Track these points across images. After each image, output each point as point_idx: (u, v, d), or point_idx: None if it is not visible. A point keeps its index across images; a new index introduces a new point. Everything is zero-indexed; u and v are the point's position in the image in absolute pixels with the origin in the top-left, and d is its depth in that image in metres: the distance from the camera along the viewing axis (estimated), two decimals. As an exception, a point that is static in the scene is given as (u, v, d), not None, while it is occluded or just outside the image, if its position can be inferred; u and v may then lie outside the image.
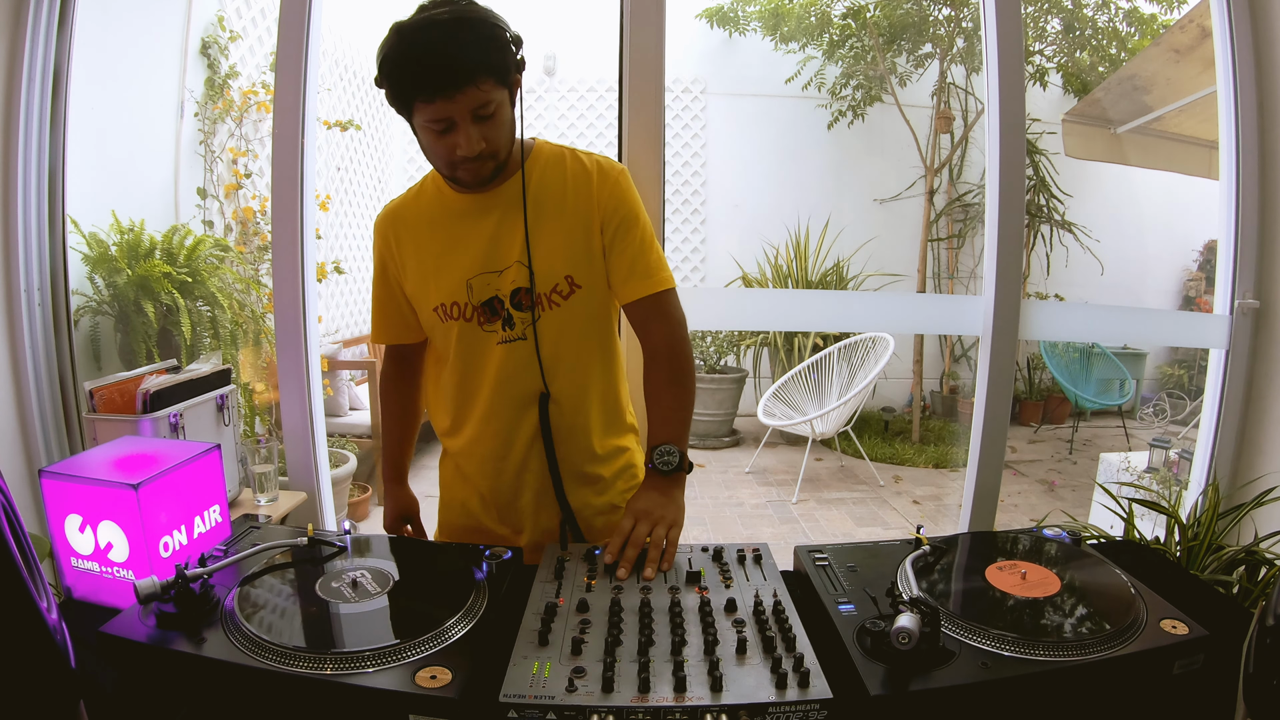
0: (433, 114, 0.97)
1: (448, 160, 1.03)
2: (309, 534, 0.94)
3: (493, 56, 0.97)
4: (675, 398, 1.14)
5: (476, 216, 1.12)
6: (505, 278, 1.11)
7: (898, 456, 4.68)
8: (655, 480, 1.09)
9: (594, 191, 1.12)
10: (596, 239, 1.12)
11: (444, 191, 1.14)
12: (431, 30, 0.94)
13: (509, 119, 1.04)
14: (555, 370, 1.13)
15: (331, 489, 2.07)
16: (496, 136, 1.03)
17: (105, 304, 2.28)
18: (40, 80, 1.84)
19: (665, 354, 1.15)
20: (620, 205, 1.13)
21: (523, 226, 1.10)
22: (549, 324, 1.12)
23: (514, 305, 1.11)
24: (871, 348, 4.49)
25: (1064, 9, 4.90)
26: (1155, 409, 5.51)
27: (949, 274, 5.33)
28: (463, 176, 1.06)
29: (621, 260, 1.13)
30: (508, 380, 1.13)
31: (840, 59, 5.13)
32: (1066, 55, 4.99)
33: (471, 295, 1.11)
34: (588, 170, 1.13)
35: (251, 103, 3.25)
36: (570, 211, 1.11)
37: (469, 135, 0.99)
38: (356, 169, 4.93)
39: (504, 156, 1.06)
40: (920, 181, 5.23)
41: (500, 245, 1.11)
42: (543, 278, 1.10)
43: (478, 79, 0.96)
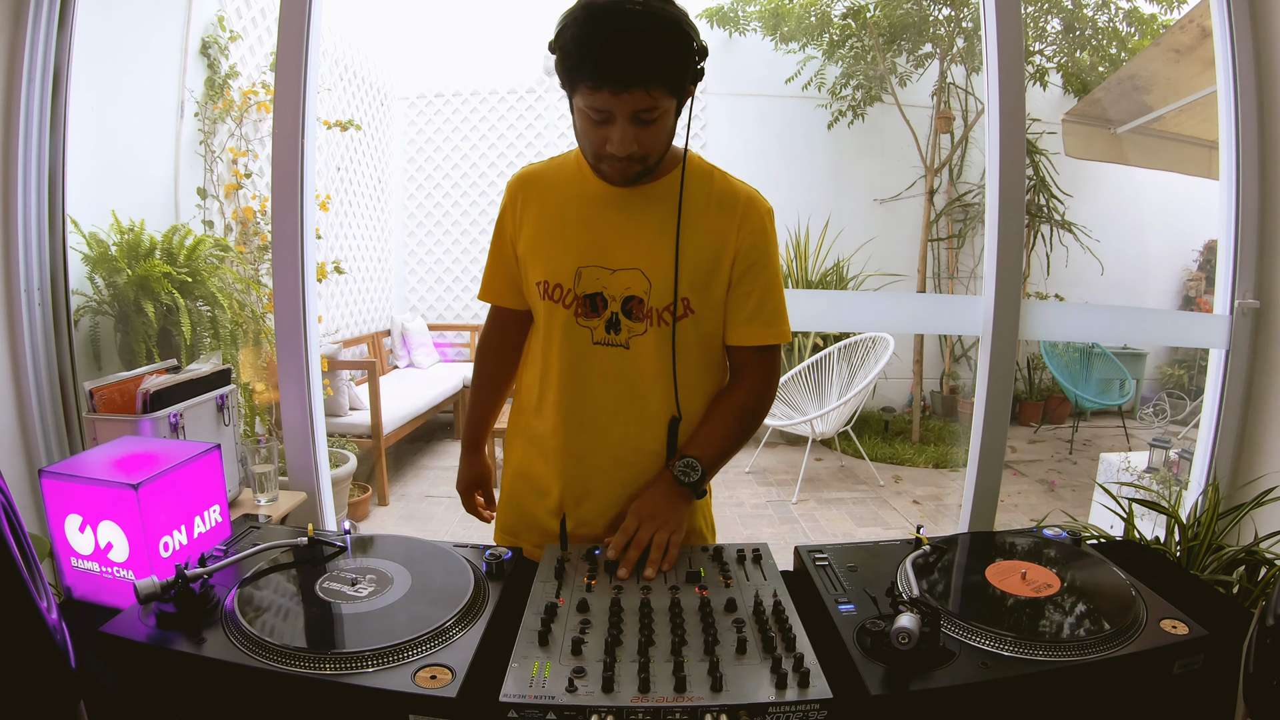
0: (595, 102, 0.93)
1: (596, 151, 0.99)
2: (309, 534, 0.94)
3: (673, 65, 0.93)
4: (732, 434, 1.10)
5: (608, 207, 1.07)
6: (618, 279, 1.06)
7: (898, 456, 4.68)
8: (667, 486, 1.07)
9: (737, 220, 1.07)
10: (724, 269, 1.07)
11: (585, 171, 1.09)
12: (622, 19, 0.89)
13: (669, 128, 1.00)
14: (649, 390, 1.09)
15: (331, 489, 2.07)
16: (652, 142, 0.98)
17: (105, 304, 2.28)
18: (40, 80, 1.84)
19: (747, 397, 1.12)
20: (759, 242, 1.08)
21: (652, 232, 1.05)
22: (652, 340, 1.07)
23: (625, 312, 1.06)
24: (871, 348, 4.48)
25: (1064, 9, 4.90)
26: (1155, 409, 5.51)
27: (949, 274, 5.33)
28: (607, 171, 1.02)
29: (747, 301, 1.09)
30: (606, 385, 1.09)
31: (840, 59, 5.13)
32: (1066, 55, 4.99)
33: (577, 284, 1.07)
34: (736, 196, 1.08)
35: (251, 103, 3.25)
36: (705, 232, 1.06)
37: (624, 135, 0.95)
38: (356, 169, 4.93)
39: (653, 162, 1.02)
40: (920, 181, 5.23)
41: (623, 244, 1.06)
42: (659, 291, 1.05)
43: (651, 84, 0.91)
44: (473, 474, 1.32)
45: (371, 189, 5.21)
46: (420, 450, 4.63)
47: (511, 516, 1.23)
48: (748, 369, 1.13)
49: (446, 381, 4.80)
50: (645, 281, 1.05)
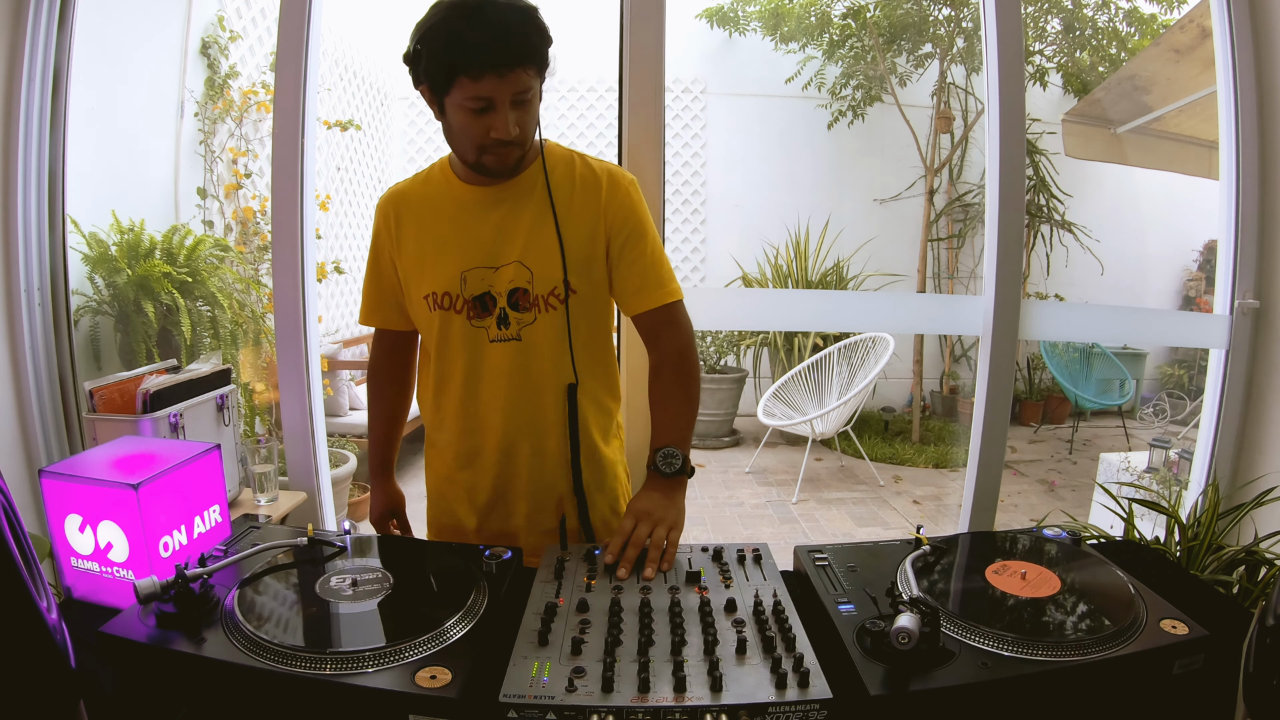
0: (476, 91, 0.97)
1: (479, 143, 1.02)
2: (309, 534, 0.94)
3: (541, 45, 0.99)
4: (681, 403, 1.14)
5: (481, 209, 1.11)
6: (502, 276, 1.10)
7: (898, 456, 4.68)
8: (657, 482, 1.09)
9: (602, 200, 1.11)
10: (600, 248, 1.12)
11: (451, 180, 1.14)
12: (489, 9, 0.95)
13: (537, 111, 1.05)
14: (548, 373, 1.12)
15: (331, 489, 2.07)
16: (528, 125, 1.03)
17: (105, 304, 2.28)
18: (40, 80, 1.84)
19: (674, 361, 1.15)
20: (630, 216, 1.12)
21: (525, 224, 1.10)
22: (541, 327, 1.11)
23: (511, 305, 1.10)
24: (871, 348, 4.48)
25: (1064, 9, 4.90)
26: (1155, 409, 5.51)
27: (949, 274, 5.33)
28: (489, 162, 1.05)
29: (632, 271, 1.13)
30: (507, 379, 1.12)
31: (840, 59, 5.13)
32: (1066, 55, 4.99)
33: (464, 288, 1.11)
34: (597, 176, 1.13)
35: (251, 103, 3.25)
36: (575, 216, 1.11)
37: (506, 118, 0.99)
38: (356, 169, 4.93)
39: (528, 148, 1.07)
40: (920, 181, 5.23)
41: (501, 241, 1.10)
42: (541, 279, 1.10)
43: (527, 63, 0.97)
44: (385, 502, 1.33)
45: (371, 189, 5.21)
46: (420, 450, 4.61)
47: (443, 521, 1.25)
48: (660, 332, 1.16)
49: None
50: (526, 272, 1.09)
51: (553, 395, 1.14)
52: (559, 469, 1.17)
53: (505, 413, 1.14)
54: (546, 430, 1.15)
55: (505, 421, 1.14)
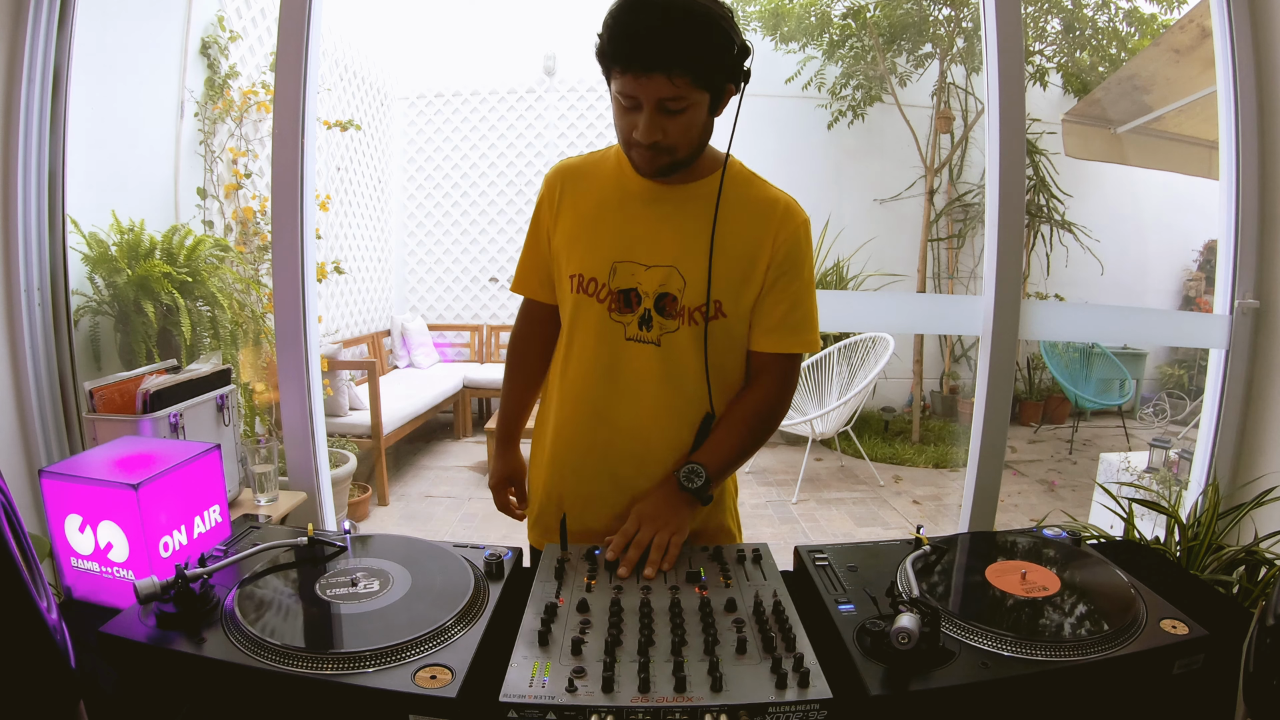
0: (622, 87, 0.95)
1: (625, 138, 1.00)
2: (309, 534, 0.94)
3: (700, 55, 0.93)
4: (742, 441, 1.10)
5: (646, 203, 1.08)
6: (652, 275, 1.06)
7: (898, 456, 4.68)
8: (671, 490, 1.06)
9: (774, 228, 1.07)
10: (758, 275, 1.07)
11: (624, 167, 1.09)
12: (653, 6, 0.91)
13: (699, 123, 1.00)
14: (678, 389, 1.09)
15: (331, 489, 2.07)
16: (678, 134, 0.98)
17: (105, 304, 2.28)
18: (40, 80, 1.84)
19: (763, 404, 1.11)
20: (794, 252, 1.08)
21: (688, 231, 1.06)
22: (684, 339, 1.07)
23: (657, 309, 1.06)
24: (871, 348, 4.48)
25: (1064, 9, 4.90)
26: (1155, 409, 5.51)
27: (949, 274, 5.33)
28: (635, 158, 1.03)
29: (776, 308, 1.08)
30: (638, 381, 1.09)
31: (840, 59, 5.12)
32: (1066, 55, 4.99)
33: (612, 278, 1.07)
34: (774, 203, 1.08)
35: (251, 103, 3.25)
36: (740, 237, 1.06)
37: (649, 122, 0.96)
38: (356, 169, 4.93)
39: (682, 156, 1.02)
40: (920, 181, 5.23)
41: (659, 241, 1.06)
42: (693, 290, 1.05)
43: (673, 71, 0.91)
44: (505, 470, 1.31)
45: (371, 189, 5.21)
46: (420, 450, 4.63)
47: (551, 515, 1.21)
48: (765, 375, 1.12)
49: (446, 381, 4.80)
50: (680, 279, 1.05)
51: (683, 412, 1.10)
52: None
53: (638, 414, 1.10)
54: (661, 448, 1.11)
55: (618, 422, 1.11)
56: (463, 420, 5.03)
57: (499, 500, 1.32)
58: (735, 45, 0.96)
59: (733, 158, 1.09)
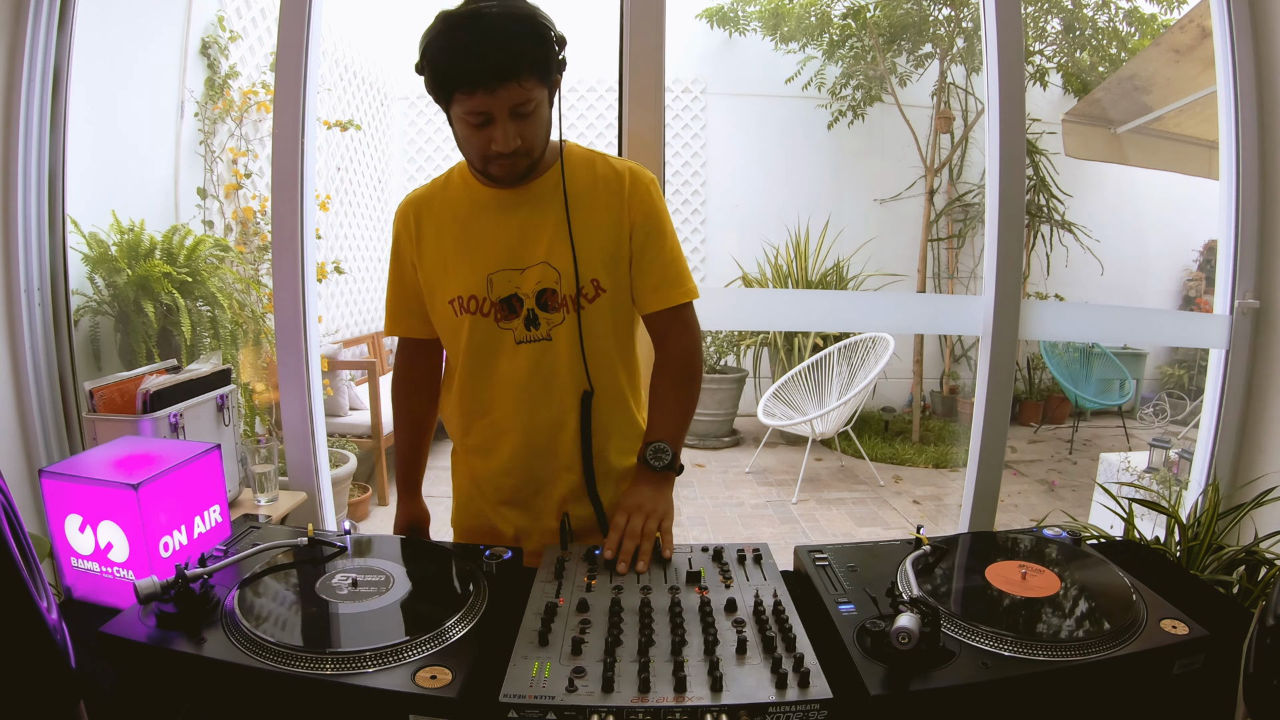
0: (472, 106, 0.96)
1: (482, 154, 1.02)
2: (309, 534, 0.94)
3: (537, 54, 0.96)
4: (679, 401, 1.14)
5: (502, 211, 1.11)
6: (528, 276, 1.09)
7: (898, 456, 4.68)
8: (646, 476, 1.10)
9: (625, 197, 1.11)
10: (624, 245, 1.11)
11: (470, 184, 1.13)
12: (479, 22, 0.93)
13: (546, 118, 1.04)
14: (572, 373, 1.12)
15: (331, 489, 2.07)
16: (533, 135, 1.02)
17: (105, 304, 2.28)
18: (40, 80, 1.84)
19: (679, 360, 1.15)
20: (651, 213, 1.12)
21: (549, 225, 1.09)
22: (572, 327, 1.10)
23: (540, 305, 1.09)
24: (871, 348, 4.48)
25: (1064, 9, 4.90)
26: (1155, 409, 5.51)
27: (949, 274, 5.33)
28: (495, 172, 1.05)
29: (651, 268, 1.12)
30: (530, 380, 1.11)
31: (840, 59, 5.12)
32: (1066, 55, 4.99)
33: (491, 290, 1.10)
34: (619, 174, 1.12)
35: (251, 103, 3.25)
36: (599, 215, 1.10)
37: (506, 131, 0.98)
38: (356, 169, 4.93)
39: (538, 155, 1.06)
40: (920, 181, 5.23)
41: (526, 243, 1.09)
42: (569, 278, 1.09)
43: (521, 76, 0.95)
44: (409, 519, 1.30)
45: (371, 189, 5.21)
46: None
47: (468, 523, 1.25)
48: (670, 332, 1.16)
49: (446, 381, 4.79)
50: (554, 273, 1.09)
51: (574, 397, 1.12)
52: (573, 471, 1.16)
53: (530, 412, 1.13)
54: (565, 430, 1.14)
55: (529, 420, 1.13)
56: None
57: None
58: (555, 35, 0.99)
59: (569, 142, 1.13)
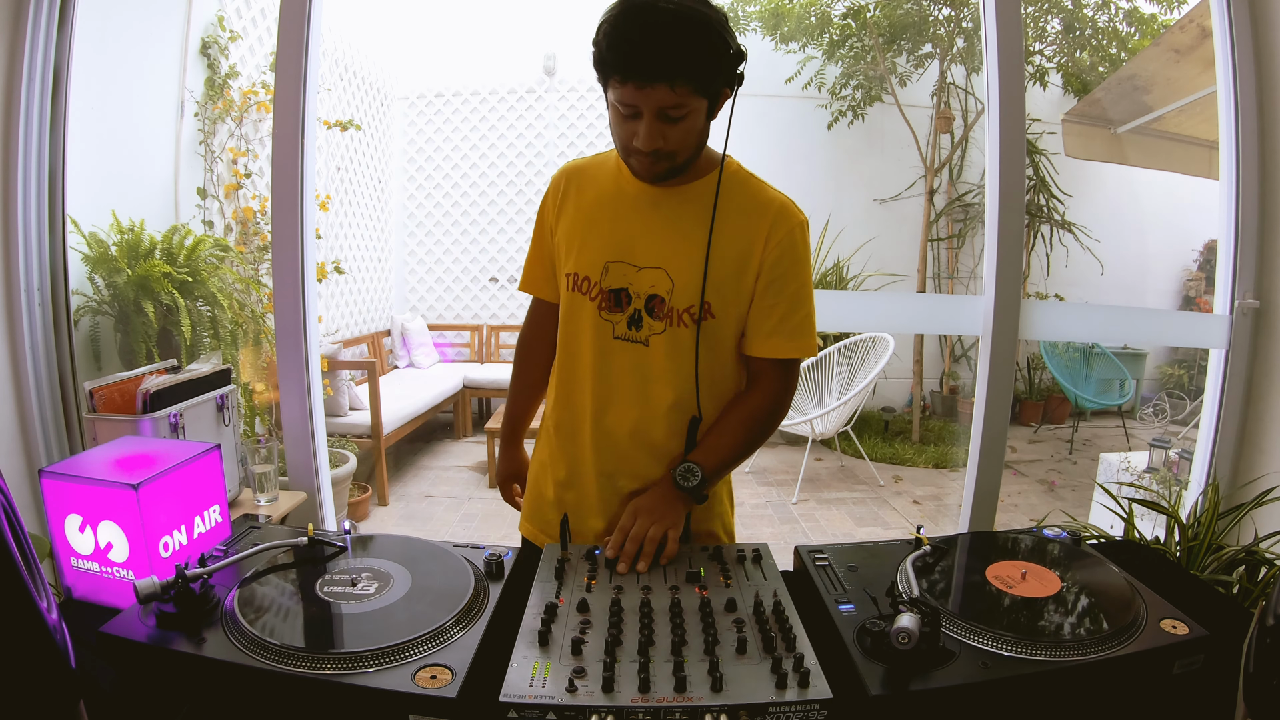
0: (622, 96, 0.94)
1: (625, 145, 1.01)
2: (309, 534, 0.94)
3: (701, 63, 0.93)
4: (740, 443, 1.11)
5: (642, 206, 1.09)
6: (644, 277, 1.07)
7: (898, 456, 4.68)
8: (667, 487, 1.07)
9: (768, 230, 1.06)
10: (749, 279, 1.07)
11: (623, 170, 1.10)
12: (652, 15, 0.90)
13: (699, 128, 1.00)
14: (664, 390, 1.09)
15: (331, 489, 2.07)
16: (679, 140, 0.99)
17: (105, 304, 2.28)
18: (40, 80, 1.84)
19: (763, 407, 1.11)
20: (787, 255, 1.06)
21: (680, 233, 1.06)
22: (668, 341, 1.07)
23: (647, 309, 1.07)
24: (871, 348, 4.48)
25: (1064, 9, 4.90)
26: (1155, 409, 5.51)
27: (949, 274, 5.33)
28: (634, 165, 1.03)
29: (772, 313, 1.08)
30: (619, 378, 1.10)
31: (840, 59, 5.12)
32: (1066, 55, 4.99)
33: (604, 278, 1.08)
34: (768, 203, 1.08)
35: (251, 103, 3.25)
36: (732, 239, 1.06)
37: (651, 130, 0.96)
38: (356, 169, 4.93)
39: (681, 161, 1.02)
40: (920, 181, 5.23)
41: (651, 243, 1.07)
42: (681, 291, 1.06)
43: (676, 81, 0.92)
44: (508, 469, 1.35)
45: (371, 189, 5.21)
46: (420, 450, 4.62)
47: (533, 505, 1.25)
48: (764, 378, 1.12)
49: (446, 381, 4.80)
50: (669, 281, 1.06)
51: (663, 413, 1.10)
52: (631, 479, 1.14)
53: (618, 412, 1.11)
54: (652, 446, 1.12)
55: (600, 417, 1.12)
56: (463, 420, 5.03)
57: (505, 496, 1.36)
58: (732, 50, 0.96)
59: (730, 158, 1.09)
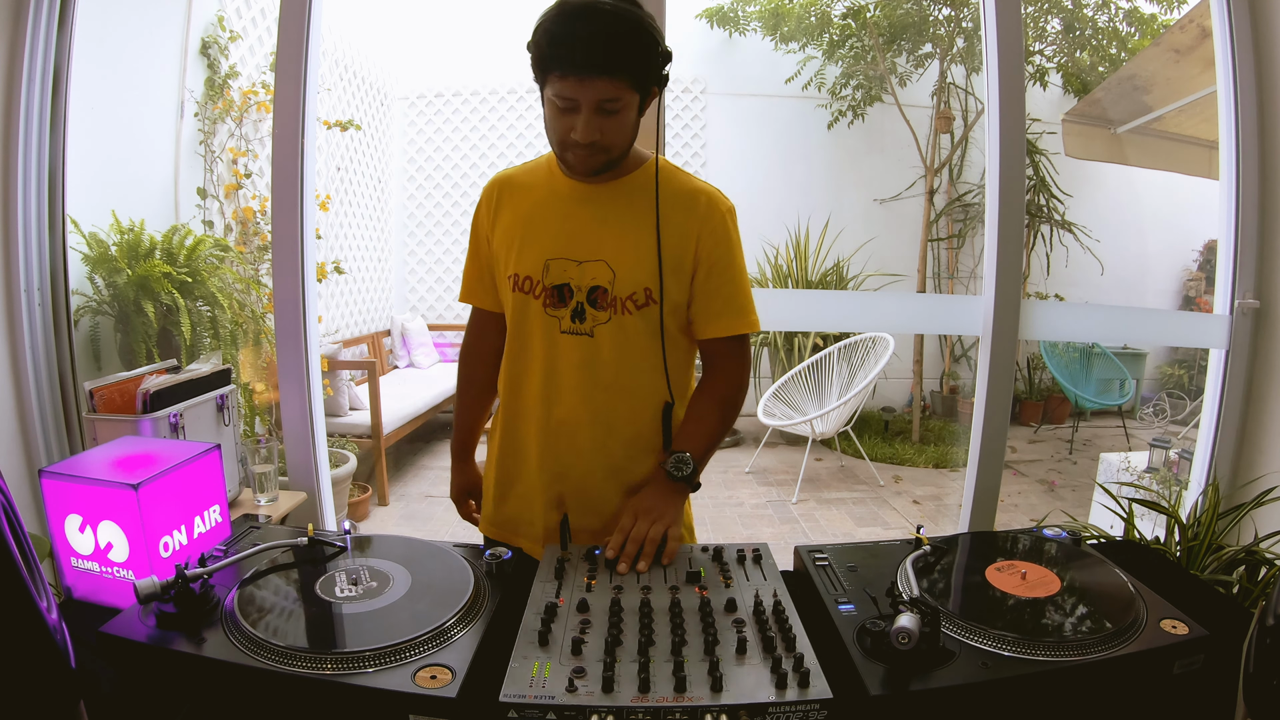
0: (562, 90, 0.99)
1: (561, 139, 1.05)
2: (309, 534, 0.94)
3: (636, 58, 0.99)
4: (716, 424, 1.15)
5: (576, 203, 1.13)
6: (585, 271, 1.11)
7: (898, 456, 4.68)
8: (662, 483, 1.10)
9: (699, 219, 1.11)
10: (687, 265, 1.12)
11: (555, 172, 1.16)
12: (589, 13, 0.97)
13: (632, 123, 1.06)
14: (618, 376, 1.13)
15: (331, 489, 2.07)
16: (614, 133, 1.03)
17: (105, 304, 2.28)
18: (40, 80, 1.84)
19: (725, 386, 1.17)
20: (722, 240, 1.13)
21: (617, 226, 1.11)
22: (614, 330, 1.11)
23: (590, 301, 1.11)
24: (871, 348, 4.48)
25: (1064, 9, 4.90)
26: (1155, 409, 5.51)
27: (949, 274, 5.33)
28: (570, 159, 1.07)
29: (716, 297, 1.13)
30: (567, 371, 1.13)
31: (840, 59, 5.13)
32: (1066, 55, 4.99)
33: (545, 275, 1.12)
34: (696, 195, 1.13)
35: (251, 103, 3.25)
36: (669, 229, 1.11)
37: (589, 123, 1.01)
38: (356, 169, 4.93)
39: (616, 155, 1.07)
40: (920, 181, 5.23)
41: (590, 237, 1.11)
42: (622, 281, 1.10)
43: (614, 73, 0.98)
44: (463, 482, 1.37)
45: (371, 189, 5.21)
46: (420, 450, 4.62)
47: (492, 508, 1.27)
48: (722, 359, 1.17)
49: (446, 381, 4.80)
50: (610, 272, 1.10)
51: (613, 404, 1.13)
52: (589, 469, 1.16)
53: (568, 404, 1.14)
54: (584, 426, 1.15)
55: (550, 409, 1.15)
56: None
57: (461, 511, 1.38)
58: (661, 50, 1.02)
59: (662, 157, 1.15)
